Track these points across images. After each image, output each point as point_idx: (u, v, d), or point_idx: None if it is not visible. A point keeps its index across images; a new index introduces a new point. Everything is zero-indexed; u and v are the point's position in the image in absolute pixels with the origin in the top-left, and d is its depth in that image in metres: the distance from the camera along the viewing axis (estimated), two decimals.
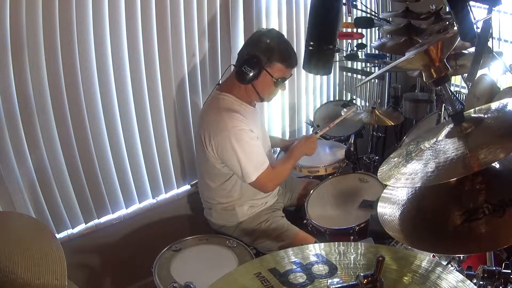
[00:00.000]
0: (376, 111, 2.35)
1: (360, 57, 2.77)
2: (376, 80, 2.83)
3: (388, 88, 3.07)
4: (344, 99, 3.08)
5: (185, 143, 2.28)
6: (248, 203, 1.95)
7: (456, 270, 0.92)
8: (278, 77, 1.79)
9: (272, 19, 2.52)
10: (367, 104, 2.99)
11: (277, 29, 2.49)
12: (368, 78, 2.73)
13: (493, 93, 1.61)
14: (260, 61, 1.74)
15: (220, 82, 1.94)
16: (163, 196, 2.33)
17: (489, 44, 1.78)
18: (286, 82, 1.89)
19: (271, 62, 1.75)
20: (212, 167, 1.86)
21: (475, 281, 0.96)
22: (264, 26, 2.42)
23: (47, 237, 0.90)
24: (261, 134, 1.95)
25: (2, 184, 1.75)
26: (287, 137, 2.84)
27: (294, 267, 0.84)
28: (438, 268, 0.81)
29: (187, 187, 2.41)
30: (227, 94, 1.84)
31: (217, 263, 1.63)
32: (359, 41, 2.78)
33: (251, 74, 1.73)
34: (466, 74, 2.06)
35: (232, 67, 1.89)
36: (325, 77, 2.96)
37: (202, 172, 1.97)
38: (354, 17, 2.55)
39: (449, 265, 1.25)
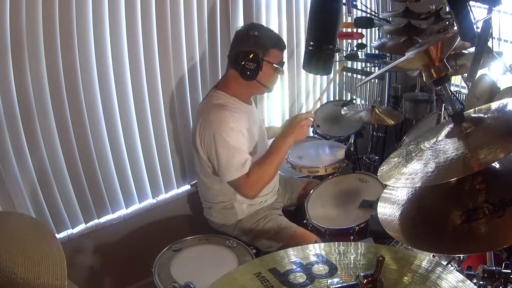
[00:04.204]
0: (376, 110, 2.35)
1: (360, 57, 2.77)
2: (376, 80, 2.83)
3: (388, 88, 3.08)
4: (344, 99, 3.08)
5: (185, 143, 2.28)
6: (247, 202, 1.94)
7: (456, 270, 0.92)
8: (277, 62, 1.82)
9: (272, 19, 2.52)
10: (367, 103, 3.00)
11: (277, 29, 2.50)
12: (368, 78, 2.73)
13: (493, 93, 1.61)
14: (257, 54, 1.76)
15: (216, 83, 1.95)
16: (163, 196, 2.33)
17: (489, 44, 1.78)
18: (285, 69, 1.89)
19: (267, 50, 1.78)
20: (207, 165, 1.86)
21: (475, 281, 0.96)
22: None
23: (47, 237, 0.90)
24: (257, 133, 1.95)
25: (2, 184, 1.75)
26: None
27: (294, 267, 0.84)
28: (438, 268, 0.81)
29: (187, 187, 2.41)
30: (221, 92, 1.86)
31: (217, 263, 1.63)
32: (359, 41, 2.78)
33: (255, 68, 1.75)
34: (466, 74, 2.06)
35: (227, 68, 1.90)
36: (325, 77, 2.96)
37: (199, 171, 1.96)
38: (354, 17, 2.55)
39: (449, 265, 1.25)
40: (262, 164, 1.80)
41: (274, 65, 1.81)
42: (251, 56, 1.74)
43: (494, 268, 0.95)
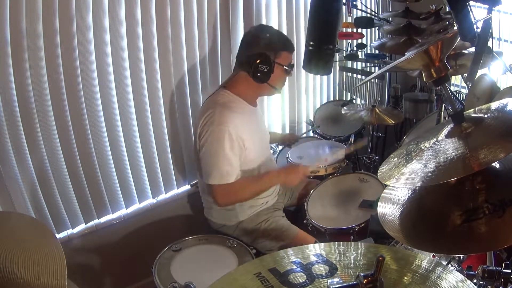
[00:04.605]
0: (376, 109, 2.35)
1: (360, 57, 2.77)
2: (376, 80, 2.83)
3: (388, 88, 3.08)
4: (344, 99, 3.09)
5: (185, 143, 2.28)
6: (249, 203, 1.94)
7: (456, 270, 0.92)
8: (287, 64, 1.83)
9: (272, 19, 2.52)
10: (367, 103, 3.00)
11: (277, 29, 2.49)
12: (368, 78, 2.73)
13: (493, 93, 1.61)
14: (269, 56, 1.76)
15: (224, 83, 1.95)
16: (163, 196, 2.33)
17: (489, 44, 1.78)
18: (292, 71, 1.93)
19: (279, 52, 1.79)
20: None
21: (475, 281, 0.96)
22: None
23: (47, 237, 0.90)
24: (260, 135, 1.94)
25: (2, 184, 1.75)
26: None
27: (294, 267, 0.84)
28: (438, 268, 0.81)
29: (187, 187, 2.41)
30: (227, 91, 1.85)
31: (217, 263, 1.63)
32: (359, 41, 2.78)
33: (267, 71, 1.76)
34: (466, 74, 2.06)
35: (235, 70, 1.90)
36: (325, 77, 2.96)
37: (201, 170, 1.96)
38: (354, 17, 2.56)
39: (449, 265, 1.25)
40: (248, 184, 1.83)
41: (284, 67, 1.82)
42: (263, 59, 1.74)
43: (494, 268, 0.95)
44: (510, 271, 0.95)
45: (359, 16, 2.64)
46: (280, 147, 2.54)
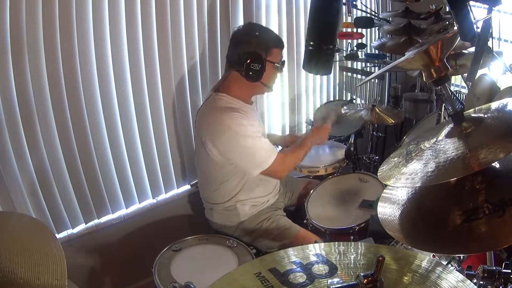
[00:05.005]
0: (376, 109, 2.35)
1: (360, 57, 2.77)
2: (376, 80, 2.83)
3: (388, 88, 3.08)
4: (344, 99, 3.09)
5: (185, 143, 2.28)
6: (250, 202, 1.95)
7: (456, 270, 0.92)
8: (279, 61, 1.83)
9: (272, 18, 2.52)
10: (367, 103, 3.00)
11: (277, 29, 2.50)
12: (368, 78, 2.73)
13: (493, 93, 1.61)
14: (260, 55, 1.75)
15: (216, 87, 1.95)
16: (163, 196, 2.33)
17: (489, 44, 1.78)
18: (285, 69, 1.95)
19: (269, 50, 1.79)
20: (213, 168, 1.86)
21: (475, 281, 0.96)
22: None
23: (47, 237, 0.90)
24: (262, 131, 1.95)
25: (2, 184, 1.75)
26: None
27: (294, 267, 0.84)
28: (438, 268, 0.81)
29: (187, 187, 2.41)
30: (223, 94, 1.85)
31: (217, 263, 1.63)
32: (359, 41, 2.78)
33: (260, 69, 1.76)
34: (466, 74, 2.06)
35: (227, 70, 1.90)
36: (325, 77, 2.96)
37: (203, 172, 1.96)
38: (354, 17, 2.55)
39: (449, 265, 1.25)
40: (294, 151, 1.95)
41: (276, 64, 1.82)
42: (255, 57, 1.74)
43: (494, 268, 0.95)
44: (510, 271, 0.95)
45: (359, 16, 2.64)
46: (279, 148, 2.54)
